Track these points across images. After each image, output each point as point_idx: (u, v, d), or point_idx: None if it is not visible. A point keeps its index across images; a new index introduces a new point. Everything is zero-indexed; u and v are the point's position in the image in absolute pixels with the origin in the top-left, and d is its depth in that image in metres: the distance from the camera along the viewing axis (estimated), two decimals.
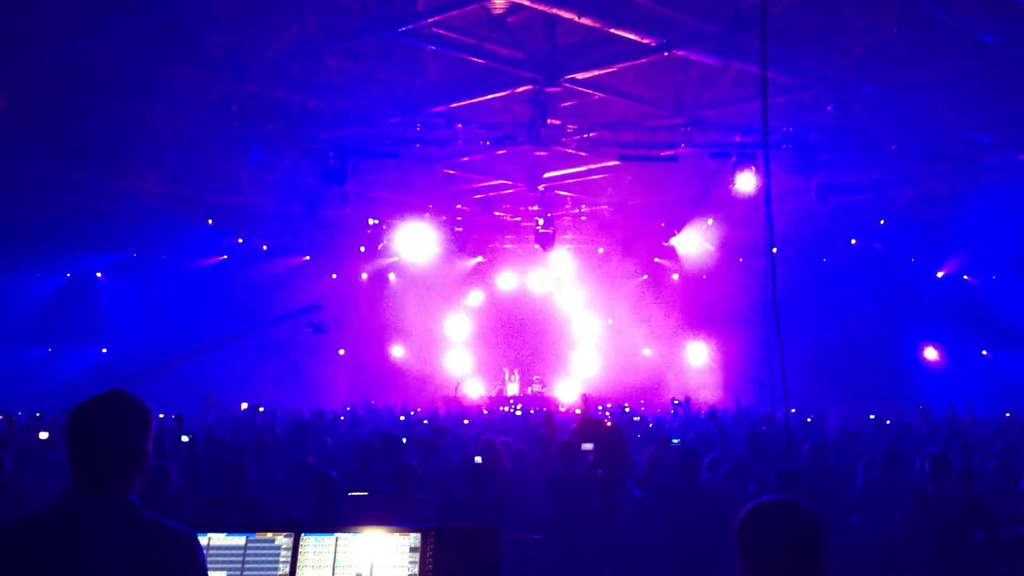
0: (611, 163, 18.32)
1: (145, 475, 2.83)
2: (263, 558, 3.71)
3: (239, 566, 3.65)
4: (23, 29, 11.95)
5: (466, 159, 18.87)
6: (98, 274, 23.88)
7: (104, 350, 23.65)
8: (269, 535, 3.76)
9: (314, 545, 3.75)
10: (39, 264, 22.30)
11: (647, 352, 27.46)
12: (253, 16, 12.74)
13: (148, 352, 21.73)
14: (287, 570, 3.70)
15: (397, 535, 3.80)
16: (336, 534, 3.79)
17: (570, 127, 16.12)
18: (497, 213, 23.27)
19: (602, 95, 15.19)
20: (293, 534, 3.77)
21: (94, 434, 2.74)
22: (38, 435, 11.29)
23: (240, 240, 23.57)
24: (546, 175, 20.02)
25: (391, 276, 27.30)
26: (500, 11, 12.56)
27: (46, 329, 22.44)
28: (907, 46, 12.74)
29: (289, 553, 3.72)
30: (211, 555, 3.67)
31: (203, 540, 3.67)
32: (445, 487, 8.39)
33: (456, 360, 28.09)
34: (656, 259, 25.38)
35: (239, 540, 3.71)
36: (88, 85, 13.89)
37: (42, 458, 10.06)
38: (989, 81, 13.47)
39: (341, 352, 27.23)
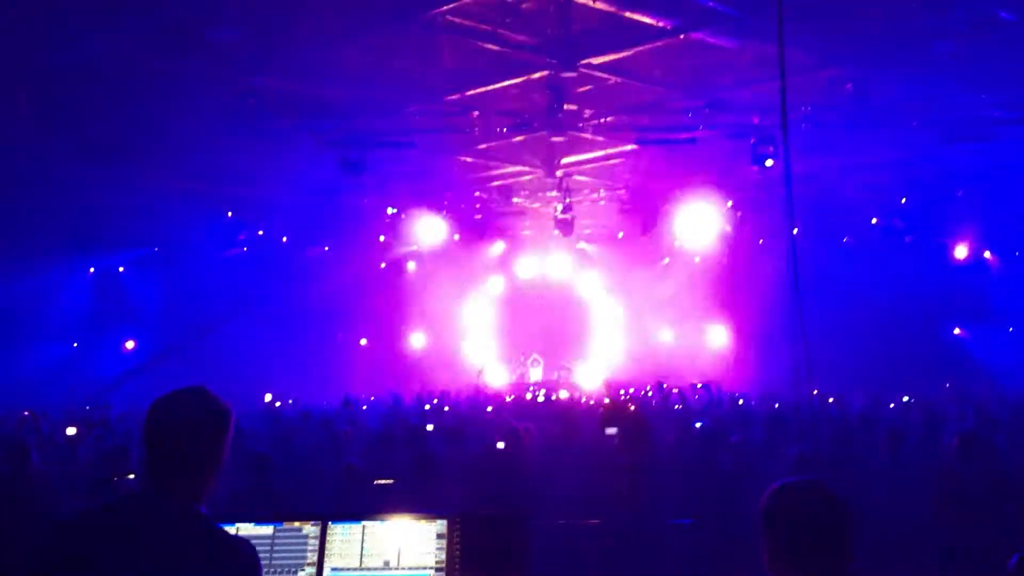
0: (629, 147, 18.27)
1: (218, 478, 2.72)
2: (291, 547, 3.74)
3: (268, 555, 3.68)
4: (41, 27, 12.01)
5: (483, 146, 18.86)
6: (120, 269, 24.07)
7: (130, 344, 23.85)
8: (297, 524, 3.79)
9: (341, 533, 3.78)
10: (63, 261, 22.49)
11: (668, 335, 27.40)
12: (268, 10, 12.76)
13: (173, 345, 21.90)
14: (315, 558, 3.73)
15: (423, 522, 3.82)
16: (363, 522, 3.82)
17: (587, 112, 16.08)
18: (516, 200, 23.27)
19: (619, 79, 15.14)
20: (320, 522, 3.79)
21: (165, 433, 2.66)
22: (65, 431, 11.39)
23: (260, 232, 23.67)
24: (564, 161, 19.98)
25: (411, 265, 27.33)
26: None
27: (72, 325, 22.66)
28: (926, 23, 12.62)
29: (317, 541, 3.75)
30: None
31: (231, 530, 3.71)
32: (468, 474, 8.41)
33: (477, 347, 28.12)
34: (676, 242, 25.29)
35: (267, 530, 3.74)
36: (106, 82, 13.94)
37: (69, 453, 10.15)
38: (1009, 58, 13.33)
39: (363, 342, 27.31)
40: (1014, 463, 8.38)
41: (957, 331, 23.77)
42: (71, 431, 11.27)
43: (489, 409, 16.43)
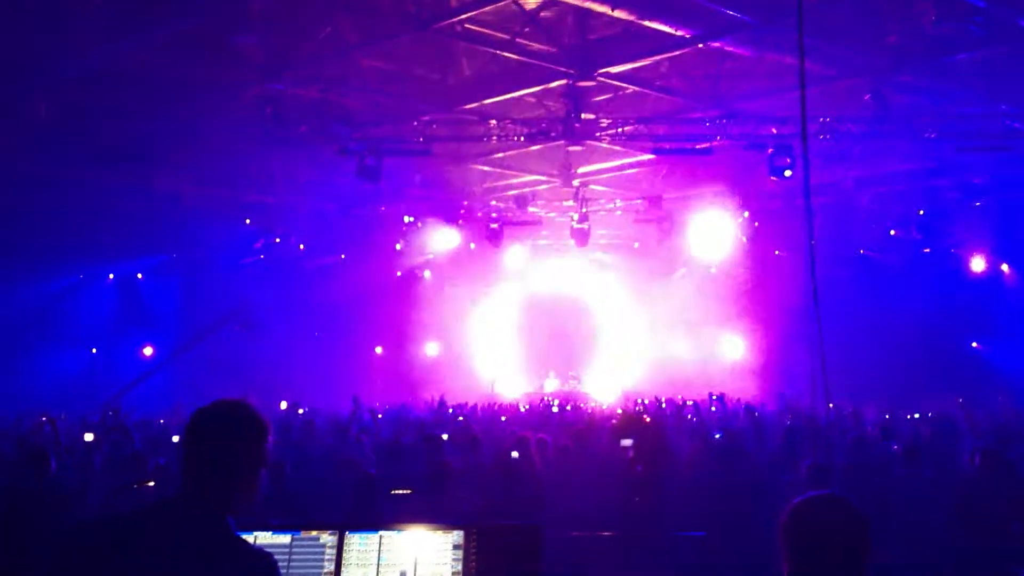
0: (646, 157, 18.26)
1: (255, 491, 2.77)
2: (308, 556, 3.73)
3: (285, 564, 3.67)
4: (60, 36, 12.10)
5: (500, 155, 18.88)
6: (139, 275, 24.18)
7: (148, 351, 23.96)
8: (314, 533, 3.78)
9: (358, 543, 3.77)
10: (82, 268, 22.65)
11: (684, 346, 27.30)
12: (287, 17, 12.82)
13: (190, 352, 22.00)
14: (332, 568, 3.72)
15: (440, 533, 3.81)
16: (380, 532, 3.81)
17: (604, 121, 16.07)
18: (532, 209, 23.25)
19: (636, 88, 15.14)
20: (338, 532, 3.79)
21: (201, 442, 2.71)
22: (83, 436, 11.42)
23: (277, 240, 23.74)
24: (580, 170, 19.97)
25: (426, 273, 27.35)
26: (533, 6, 12.58)
27: (92, 331, 22.79)
28: (944, 33, 12.57)
29: (334, 551, 3.74)
30: None
31: (248, 539, 3.71)
32: (482, 484, 8.39)
33: (492, 357, 28.09)
34: (692, 252, 25.21)
35: (284, 539, 3.73)
36: (125, 90, 14.03)
37: (87, 459, 10.17)
38: None
39: (378, 350, 27.32)
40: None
41: (975, 344, 23.59)
42: (89, 437, 11.30)
43: (504, 419, 16.41)
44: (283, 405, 19.24)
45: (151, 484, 6.33)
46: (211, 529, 2.63)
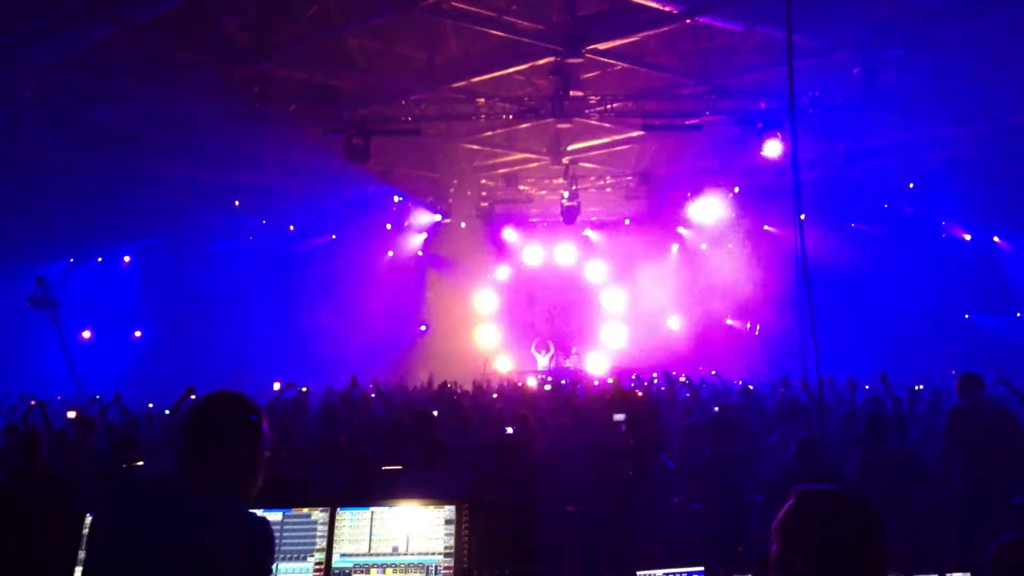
0: (635, 133, 18.23)
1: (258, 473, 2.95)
2: (300, 533, 3.75)
3: (277, 541, 3.68)
4: (45, 18, 11.99)
5: (489, 134, 18.82)
6: (126, 258, 24.12)
7: (138, 333, 23.92)
8: (306, 510, 3.80)
9: (350, 519, 3.79)
10: (71, 251, 22.55)
11: (675, 322, 27.33)
12: None
13: (179, 334, 21.95)
14: (324, 544, 3.74)
15: (432, 508, 3.82)
16: (372, 508, 3.82)
17: (593, 98, 16.02)
18: (522, 187, 23.23)
19: (625, 65, 15.09)
20: (329, 509, 3.80)
21: (197, 434, 2.87)
22: (73, 421, 11.43)
23: (264, 222, 23.68)
24: (570, 148, 19.93)
25: (418, 252, 27.32)
26: None
27: (82, 315, 22.74)
28: (933, 5, 12.54)
29: (326, 527, 3.76)
30: None
31: None
32: (477, 461, 8.41)
33: (485, 335, 28.07)
34: (682, 228, 25.22)
35: (276, 516, 3.74)
36: (111, 72, 13.93)
37: (82, 441, 10.17)
38: (1019, 39, 13.22)
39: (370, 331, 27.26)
40: None
41: (967, 316, 23.66)
42: (71, 414, 11.34)
43: (495, 396, 16.42)
44: (276, 386, 19.25)
45: (140, 464, 6.34)
46: (218, 504, 2.78)
